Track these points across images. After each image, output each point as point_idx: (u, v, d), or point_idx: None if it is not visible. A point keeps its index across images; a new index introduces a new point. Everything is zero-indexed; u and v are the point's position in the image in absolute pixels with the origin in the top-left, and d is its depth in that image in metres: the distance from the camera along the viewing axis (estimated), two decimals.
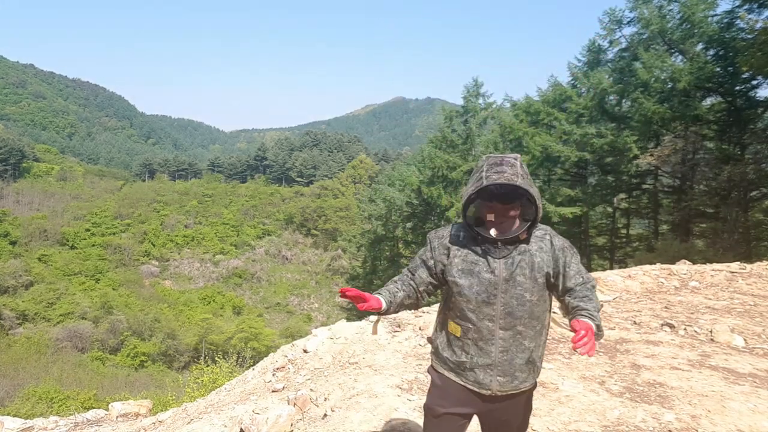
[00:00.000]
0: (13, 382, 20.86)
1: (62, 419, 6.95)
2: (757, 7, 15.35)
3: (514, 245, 1.94)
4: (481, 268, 1.94)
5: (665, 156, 18.69)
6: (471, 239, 1.98)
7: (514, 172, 1.85)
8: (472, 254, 1.97)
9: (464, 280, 1.95)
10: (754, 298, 6.45)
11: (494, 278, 1.92)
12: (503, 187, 1.86)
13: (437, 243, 2.05)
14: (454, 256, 1.99)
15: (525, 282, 1.92)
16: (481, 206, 1.95)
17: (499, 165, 1.87)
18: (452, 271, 1.98)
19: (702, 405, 3.58)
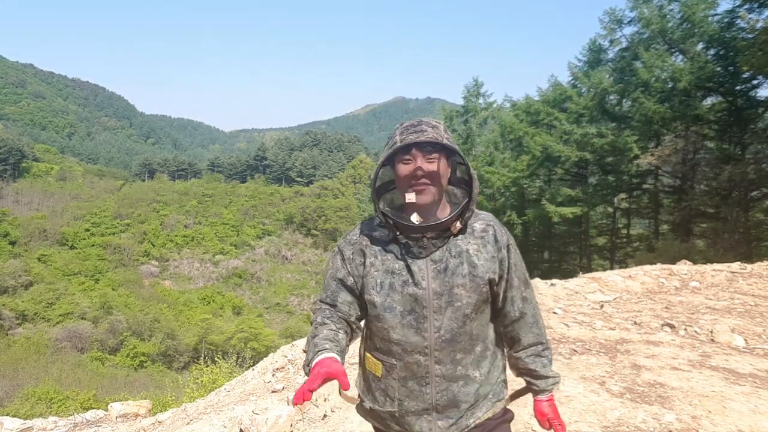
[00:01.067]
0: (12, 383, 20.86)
1: (61, 419, 6.95)
2: (757, 7, 15.35)
3: (444, 240, 1.44)
4: (400, 278, 1.43)
5: (666, 156, 18.71)
6: (388, 237, 1.48)
7: (437, 133, 1.40)
8: (390, 258, 1.46)
9: (380, 297, 1.44)
10: (755, 298, 6.44)
11: (421, 292, 1.41)
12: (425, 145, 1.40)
13: (350, 251, 1.51)
14: (370, 264, 1.47)
15: (464, 295, 1.41)
16: (396, 166, 1.43)
17: (416, 126, 1.43)
18: (368, 285, 1.46)
19: (702, 405, 3.58)
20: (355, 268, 1.49)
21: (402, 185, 1.42)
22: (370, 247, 1.48)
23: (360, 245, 1.50)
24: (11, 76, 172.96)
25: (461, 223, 1.44)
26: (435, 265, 1.43)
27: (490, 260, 1.46)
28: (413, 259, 1.43)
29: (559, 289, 6.80)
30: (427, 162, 1.38)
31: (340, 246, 1.55)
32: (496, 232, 1.50)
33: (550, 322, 5.43)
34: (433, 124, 1.44)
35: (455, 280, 1.42)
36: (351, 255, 1.50)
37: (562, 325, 5.37)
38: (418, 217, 1.42)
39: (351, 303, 1.51)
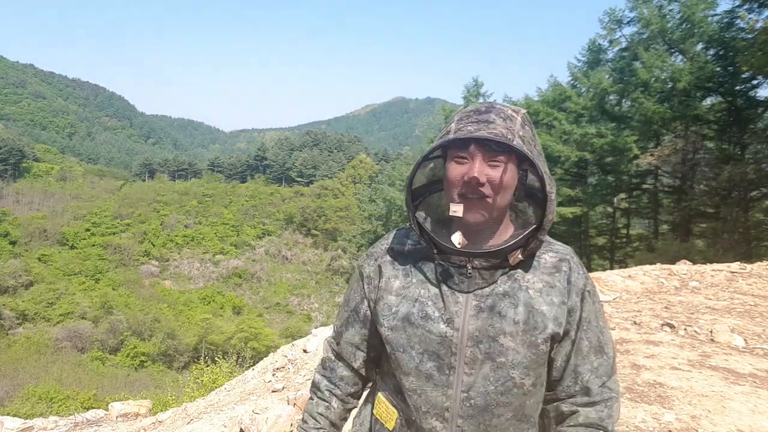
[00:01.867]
0: (12, 382, 20.87)
1: (62, 419, 6.95)
2: (757, 7, 15.37)
3: (498, 270, 1.06)
4: (424, 309, 1.07)
5: (665, 156, 18.72)
6: (422, 253, 1.12)
7: (509, 127, 1.00)
8: (418, 281, 1.10)
9: (391, 329, 1.10)
10: (755, 298, 6.45)
11: (450, 332, 1.04)
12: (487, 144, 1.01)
13: (370, 267, 1.18)
14: (386, 283, 1.13)
15: (512, 349, 1.03)
16: (447, 163, 1.06)
17: (482, 112, 1.02)
18: (379, 312, 1.13)
19: (702, 405, 3.58)
20: (371, 290, 1.16)
21: (450, 190, 1.04)
22: (393, 263, 1.14)
23: (381, 259, 1.16)
24: (12, 76, 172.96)
25: (524, 255, 1.04)
26: (477, 301, 1.04)
27: (558, 307, 1.05)
28: (450, 289, 1.06)
29: None
30: (489, 166, 0.99)
31: (360, 261, 1.21)
32: (572, 270, 1.09)
33: None
34: (508, 113, 1.02)
35: (503, 325, 1.02)
36: (370, 272, 1.17)
37: None
38: (461, 238, 1.05)
39: (361, 343, 1.21)
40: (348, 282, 1.32)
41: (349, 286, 1.25)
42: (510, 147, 0.99)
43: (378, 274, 1.15)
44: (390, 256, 1.16)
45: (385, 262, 1.15)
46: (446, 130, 1.05)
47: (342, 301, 1.27)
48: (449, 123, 1.06)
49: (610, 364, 1.12)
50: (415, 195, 1.13)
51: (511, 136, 0.99)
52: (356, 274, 1.22)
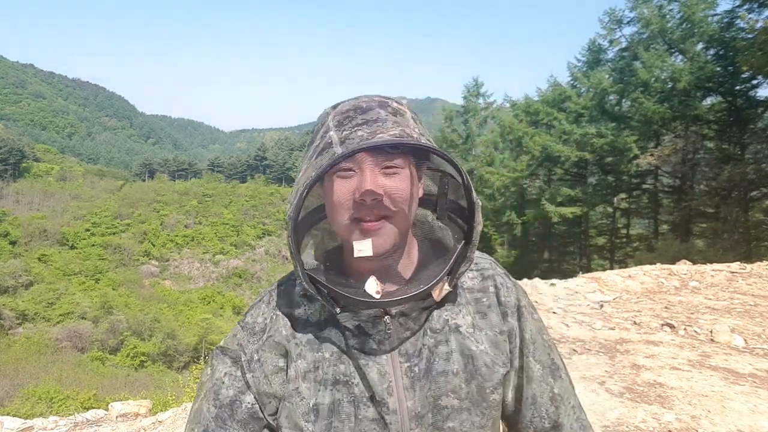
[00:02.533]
0: (12, 382, 20.86)
1: (62, 419, 6.95)
2: (757, 7, 15.39)
3: (422, 312, 0.82)
4: (355, 392, 0.79)
5: (665, 156, 18.75)
6: (320, 316, 0.84)
7: (403, 124, 0.76)
8: (330, 356, 0.81)
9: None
10: (755, 298, 6.45)
11: (390, 418, 0.78)
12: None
13: (254, 347, 0.84)
14: (297, 373, 0.81)
15: (459, 406, 0.80)
16: (326, 182, 0.78)
17: (367, 111, 0.76)
18: (293, 413, 0.80)
19: (702, 405, 3.59)
20: (264, 382, 0.81)
21: (338, 218, 0.76)
22: (293, 336, 0.82)
23: (277, 336, 0.82)
24: (12, 76, 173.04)
25: (451, 285, 0.80)
26: (408, 363, 0.80)
27: (497, 338, 0.85)
28: (368, 356, 0.79)
29: (559, 289, 6.81)
30: (384, 175, 0.74)
31: (229, 342, 0.86)
32: (499, 287, 0.88)
33: (550, 321, 5.44)
34: (395, 107, 0.78)
35: (444, 384, 0.80)
36: (256, 355, 0.82)
37: (562, 324, 5.38)
38: (378, 285, 0.77)
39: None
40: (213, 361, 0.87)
41: (213, 372, 0.85)
42: (417, 147, 0.74)
43: (277, 355, 0.82)
44: (286, 326, 0.83)
45: (287, 337, 0.82)
46: (323, 138, 0.76)
47: (204, 393, 0.84)
48: (323, 127, 0.78)
49: (571, 388, 0.92)
50: (298, 232, 0.79)
51: (414, 134, 0.75)
52: (224, 361, 0.84)
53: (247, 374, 0.82)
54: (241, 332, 0.86)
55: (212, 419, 0.81)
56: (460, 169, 0.77)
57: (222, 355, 0.85)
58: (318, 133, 0.79)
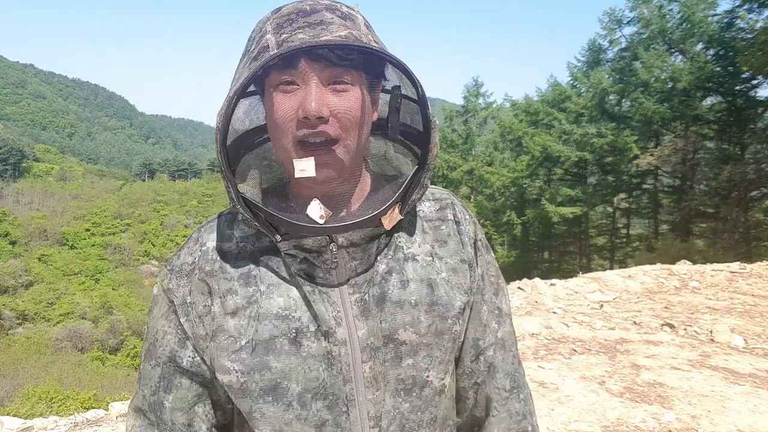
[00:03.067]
0: (12, 382, 20.87)
1: (62, 419, 6.96)
2: (757, 7, 15.40)
3: (373, 242, 0.74)
4: (291, 327, 0.71)
5: (665, 156, 18.78)
6: (259, 246, 0.76)
7: (352, 28, 0.67)
8: (267, 287, 0.73)
9: (256, 374, 0.71)
10: (755, 298, 6.45)
11: (338, 350, 0.71)
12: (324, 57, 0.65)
13: (184, 288, 0.76)
14: (223, 306, 0.73)
15: (418, 341, 0.73)
16: (266, 95, 0.69)
17: (312, 13, 0.66)
18: (220, 352, 0.72)
19: (702, 405, 3.59)
20: (198, 324, 0.74)
21: (280, 138, 0.67)
22: (221, 271, 0.74)
23: (202, 270, 0.75)
24: (12, 76, 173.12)
25: (403, 211, 0.73)
26: (359, 294, 0.72)
27: (458, 267, 0.78)
28: (314, 287, 0.71)
29: (559, 289, 6.81)
30: (333, 91, 0.66)
31: (163, 282, 0.78)
32: (457, 214, 0.82)
33: (550, 321, 5.45)
34: (345, 11, 0.69)
35: (400, 315, 0.72)
36: (189, 298, 0.75)
37: (562, 324, 5.38)
38: (323, 209, 0.70)
39: (198, 408, 0.77)
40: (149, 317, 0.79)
41: (150, 327, 0.78)
42: (363, 49, 0.64)
43: (204, 294, 0.74)
44: (215, 261, 0.75)
45: (210, 273, 0.74)
46: (259, 43, 0.66)
47: (143, 353, 0.79)
48: (260, 32, 0.68)
49: (513, 338, 0.86)
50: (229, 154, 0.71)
51: (365, 38, 0.66)
52: (161, 303, 0.77)
53: (182, 319, 0.75)
54: (170, 276, 0.77)
55: (158, 379, 0.76)
56: (414, 80, 0.68)
57: (156, 305, 0.79)
58: (252, 37, 0.70)
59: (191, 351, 0.75)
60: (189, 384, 0.76)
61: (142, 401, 0.78)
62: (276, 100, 0.66)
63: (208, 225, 0.80)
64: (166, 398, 0.76)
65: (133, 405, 0.80)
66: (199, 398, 0.77)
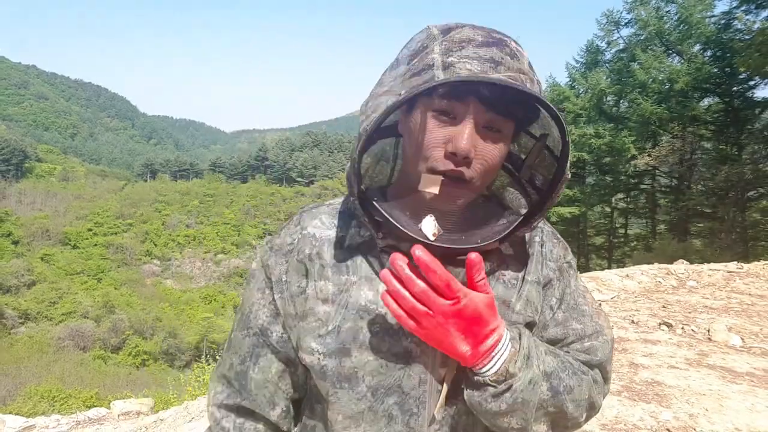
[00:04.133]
0: (15, 381, 20.90)
1: (64, 417, 6.99)
2: (754, 8, 15.40)
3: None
4: (383, 322, 0.73)
5: (663, 156, 18.78)
6: (362, 241, 0.77)
7: (521, 69, 0.65)
8: (360, 279, 0.75)
9: (336, 359, 0.74)
10: (752, 297, 6.48)
11: (421, 351, 0.73)
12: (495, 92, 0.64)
13: (282, 266, 0.78)
14: (315, 290, 0.75)
15: None
16: (418, 113, 0.67)
17: (484, 45, 0.64)
18: (305, 332, 0.76)
19: (699, 404, 3.60)
20: (290, 303, 0.77)
21: (419, 157, 0.68)
22: (321, 256, 0.76)
23: (300, 255, 0.77)
24: (14, 77, 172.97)
25: (502, 243, 0.75)
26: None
27: (531, 286, 0.79)
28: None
29: None
30: (485, 135, 0.66)
31: (263, 256, 0.81)
32: (545, 236, 0.83)
33: None
34: (513, 47, 0.66)
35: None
36: (285, 276, 0.77)
37: None
38: (436, 226, 0.69)
39: (280, 381, 0.80)
40: (245, 288, 0.85)
41: (246, 298, 0.83)
42: (532, 98, 0.64)
43: (301, 275, 0.76)
44: (313, 246, 0.77)
45: (309, 257, 0.76)
46: (422, 60, 0.64)
47: (236, 322, 0.83)
48: (423, 48, 0.65)
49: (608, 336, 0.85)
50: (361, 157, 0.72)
51: (529, 84, 0.64)
52: (258, 277, 0.81)
53: (276, 295, 0.78)
54: (269, 253, 0.80)
55: (248, 348, 0.80)
56: (565, 135, 0.68)
57: (253, 278, 0.82)
58: (414, 50, 0.67)
59: (281, 327, 0.78)
60: (274, 359, 0.79)
61: (229, 369, 0.81)
62: (428, 125, 0.66)
63: (311, 211, 0.82)
64: (252, 369, 0.79)
65: (218, 372, 0.83)
66: (282, 374, 0.80)
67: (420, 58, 0.64)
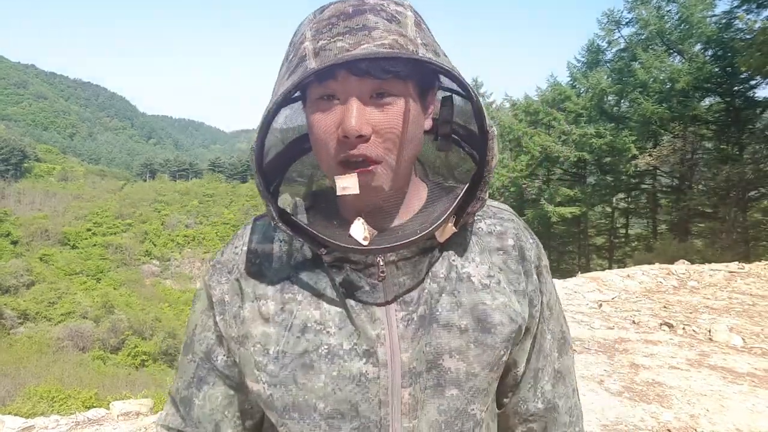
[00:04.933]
0: (14, 382, 20.88)
1: (63, 418, 6.98)
2: (755, 8, 15.40)
3: (425, 256, 0.68)
4: (333, 342, 0.66)
5: (664, 156, 18.80)
6: (300, 252, 0.71)
7: (401, 32, 0.59)
8: (305, 298, 0.68)
9: (284, 386, 0.67)
10: (753, 297, 6.48)
11: (377, 372, 0.65)
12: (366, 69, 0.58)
13: (223, 286, 0.73)
14: (255, 310, 0.69)
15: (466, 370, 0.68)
16: (306, 108, 0.65)
17: (353, 16, 0.58)
18: (252, 356, 0.68)
19: (700, 404, 3.60)
20: (229, 323, 0.71)
21: (321, 154, 0.64)
22: (260, 275, 0.71)
23: (240, 271, 0.72)
24: (13, 76, 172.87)
25: (457, 225, 0.67)
26: (405, 312, 0.66)
27: (515, 293, 0.72)
28: (360, 303, 0.67)
29: (558, 289, 6.80)
30: (376, 105, 0.60)
31: (205, 278, 0.75)
32: (521, 236, 0.75)
33: None
34: (392, 10, 0.61)
35: (447, 339, 0.67)
36: (223, 294, 0.72)
37: None
38: (367, 229, 0.65)
39: (227, 409, 0.74)
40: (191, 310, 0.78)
41: (190, 320, 0.76)
42: (408, 60, 0.58)
43: (238, 296, 0.70)
44: (253, 263, 0.71)
45: (246, 275, 0.70)
46: (298, 51, 0.60)
47: (183, 346, 0.77)
48: (300, 36, 0.62)
49: (573, 368, 0.81)
50: (271, 170, 0.69)
51: (411, 47, 0.58)
52: (201, 298, 0.75)
53: (218, 317, 0.71)
54: (211, 271, 0.74)
55: (192, 374, 0.74)
56: (468, 88, 0.62)
57: (198, 299, 0.76)
58: (293, 43, 0.63)
59: (226, 351, 0.72)
60: (221, 385, 0.73)
61: (176, 393, 0.77)
62: (315, 117, 0.62)
63: (256, 223, 0.76)
64: (196, 395, 0.74)
65: (170, 392, 0.79)
66: (230, 401, 0.74)
67: (296, 51, 0.61)
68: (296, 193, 0.72)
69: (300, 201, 0.71)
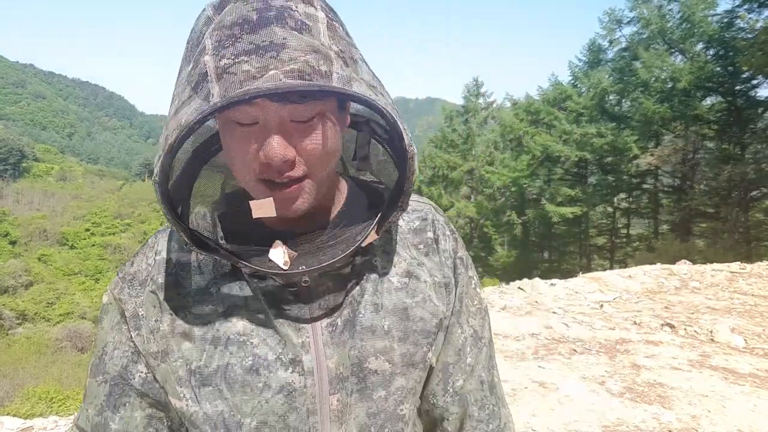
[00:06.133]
0: (12, 382, 20.87)
1: (62, 419, 6.96)
2: (757, 7, 15.42)
3: (347, 268, 0.68)
4: (258, 353, 0.64)
5: (665, 156, 18.82)
6: (219, 265, 0.67)
7: (313, 45, 0.53)
8: (226, 308, 0.65)
9: (210, 402, 0.64)
10: (755, 298, 6.46)
11: (304, 381, 0.64)
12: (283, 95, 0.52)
13: (136, 300, 0.67)
14: (175, 323, 0.66)
15: (391, 371, 0.67)
16: (223, 130, 0.59)
17: (258, 26, 0.52)
18: (174, 373, 0.65)
19: (702, 405, 3.59)
20: (147, 339, 0.66)
21: (242, 176, 0.60)
22: (177, 286, 0.67)
23: (154, 283, 0.68)
24: (11, 76, 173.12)
25: (379, 233, 0.65)
26: (330, 319, 0.66)
27: (436, 291, 0.72)
28: (279, 310, 0.65)
29: (559, 289, 6.82)
30: (297, 128, 0.57)
31: (114, 291, 0.70)
32: (437, 230, 0.75)
33: (551, 321, 5.45)
34: (299, 15, 0.55)
35: (370, 342, 0.66)
36: (139, 309, 0.67)
37: (562, 324, 5.38)
38: (287, 253, 0.62)
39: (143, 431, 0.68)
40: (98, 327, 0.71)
41: (99, 338, 0.71)
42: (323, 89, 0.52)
43: (155, 308, 0.66)
44: (169, 273, 0.67)
45: (162, 287, 0.67)
46: (198, 62, 0.54)
47: (90, 367, 0.71)
48: (198, 42, 0.56)
49: (487, 362, 0.79)
50: (177, 188, 0.64)
51: (324, 66, 0.53)
52: (111, 313, 0.69)
53: (133, 333, 0.67)
54: (121, 284, 0.69)
55: (104, 397, 0.68)
56: (383, 112, 0.58)
57: (106, 315, 0.70)
58: (191, 44, 0.58)
59: (143, 367, 0.67)
60: (139, 404, 0.67)
61: (86, 421, 0.69)
62: (232, 141, 0.57)
63: (167, 231, 0.71)
64: (112, 419, 0.67)
65: (76, 423, 0.71)
66: (150, 421, 0.68)
67: (195, 60, 0.55)
68: (208, 200, 0.69)
69: (214, 215, 0.67)
